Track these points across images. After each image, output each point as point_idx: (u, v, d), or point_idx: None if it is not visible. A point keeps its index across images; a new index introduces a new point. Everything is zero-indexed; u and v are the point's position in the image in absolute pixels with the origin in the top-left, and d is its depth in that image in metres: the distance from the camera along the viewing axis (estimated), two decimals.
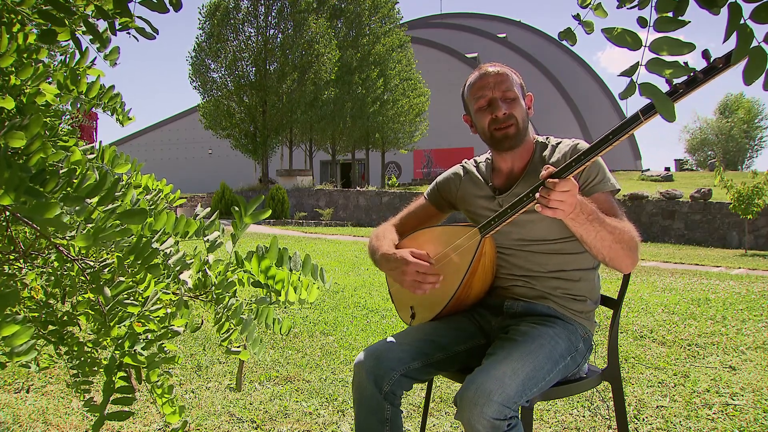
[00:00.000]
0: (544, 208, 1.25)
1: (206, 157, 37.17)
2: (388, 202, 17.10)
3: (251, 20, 21.36)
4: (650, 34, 0.68)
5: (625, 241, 1.36)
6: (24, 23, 0.84)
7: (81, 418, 2.30)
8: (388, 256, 1.57)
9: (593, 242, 1.35)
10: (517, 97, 1.54)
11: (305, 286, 0.92)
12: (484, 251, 1.52)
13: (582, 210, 1.29)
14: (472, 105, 1.59)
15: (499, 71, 1.55)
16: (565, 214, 1.27)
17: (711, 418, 2.29)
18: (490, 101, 1.53)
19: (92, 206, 0.77)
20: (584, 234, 1.34)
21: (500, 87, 1.52)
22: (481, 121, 1.57)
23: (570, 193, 1.23)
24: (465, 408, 1.24)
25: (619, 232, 1.35)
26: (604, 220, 1.33)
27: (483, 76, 1.56)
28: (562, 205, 1.24)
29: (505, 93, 1.52)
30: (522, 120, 1.54)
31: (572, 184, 1.23)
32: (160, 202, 1.14)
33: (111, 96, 1.11)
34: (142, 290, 0.88)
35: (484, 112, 1.55)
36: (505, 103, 1.52)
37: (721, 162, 36.17)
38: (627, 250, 1.36)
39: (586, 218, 1.31)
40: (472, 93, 1.58)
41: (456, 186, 1.73)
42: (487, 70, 1.56)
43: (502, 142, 1.54)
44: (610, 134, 1.18)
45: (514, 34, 41.60)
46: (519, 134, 1.54)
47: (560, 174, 1.24)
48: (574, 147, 1.53)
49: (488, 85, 1.53)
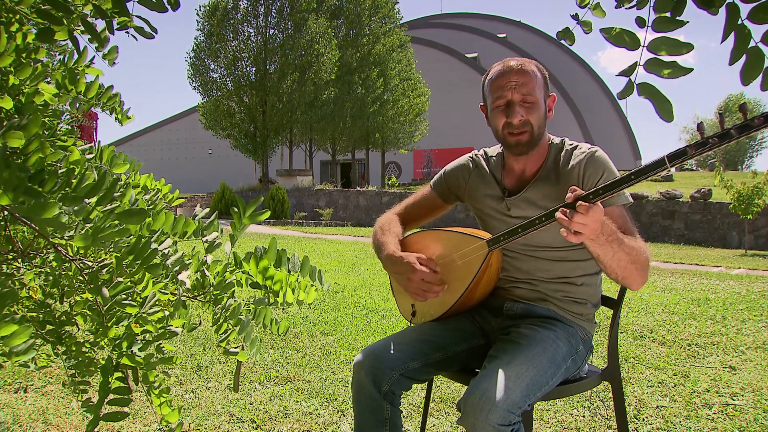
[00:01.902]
0: (567, 232, 1.20)
1: (206, 157, 37.18)
2: (388, 202, 17.10)
3: (251, 20, 21.35)
4: (649, 34, 0.68)
5: (640, 261, 1.33)
6: (23, 22, 0.84)
7: (81, 418, 2.30)
8: (394, 258, 1.55)
9: (609, 262, 1.31)
10: (537, 101, 1.47)
11: (303, 288, 0.92)
12: (491, 263, 1.50)
13: (603, 231, 1.25)
14: (489, 100, 1.53)
15: (524, 69, 1.47)
16: (588, 238, 1.23)
17: (711, 418, 2.29)
18: (508, 104, 1.47)
19: (91, 206, 0.77)
20: (602, 254, 1.30)
21: (521, 90, 1.45)
22: (495, 121, 1.52)
23: (595, 218, 1.19)
24: (469, 414, 1.23)
25: (636, 253, 1.32)
26: (622, 240, 1.29)
27: (506, 73, 1.48)
28: (585, 229, 1.19)
29: (525, 97, 1.46)
30: (538, 126, 1.48)
31: (600, 209, 1.19)
32: (159, 202, 1.14)
33: (110, 96, 1.11)
34: (140, 290, 0.87)
35: (501, 112, 1.49)
36: (523, 108, 1.46)
37: (721, 162, 36.16)
38: (640, 270, 1.34)
39: (606, 239, 1.27)
40: (492, 89, 1.50)
41: (464, 179, 1.68)
42: (510, 66, 1.48)
43: (513, 148, 1.50)
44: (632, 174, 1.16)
45: (514, 34, 41.59)
46: (533, 141, 1.49)
47: (589, 199, 1.19)
48: (590, 155, 1.48)
49: (509, 85, 1.46)
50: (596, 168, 1.46)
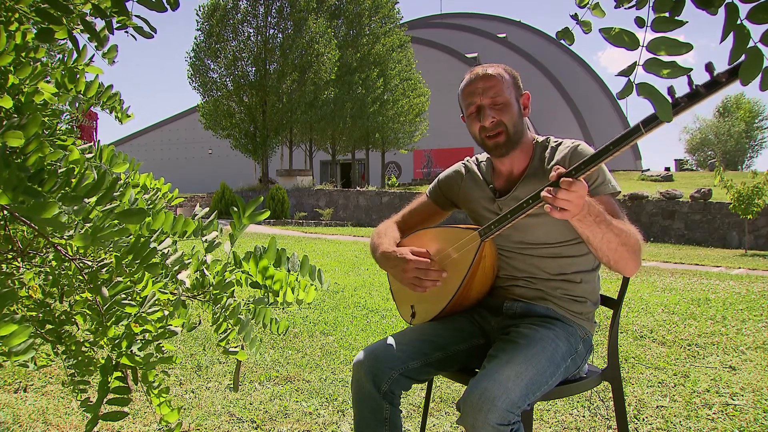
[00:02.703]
0: (552, 209, 1.23)
1: (206, 157, 37.18)
2: (388, 202, 17.10)
3: (250, 20, 21.36)
4: (648, 33, 0.67)
5: (630, 244, 1.34)
6: (22, 21, 0.84)
7: (81, 418, 2.30)
8: (388, 254, 1.57)
9: (599, 244, 1.33)
10: (508, 101, 1.51)
11: (303, 287, 0.92)
12: (485, 254, 1.51)
13: (590, 211, 1.27)
14: (464, 110, 1.59)
15: (488, 73, 1.53)
16: (573, 215, 1.25)
17: (711, 418, 2.29)
18: (478, 108, 1.53)
19: (90, 206, 0.77)
20: (591, 236, 1.32)
21: (488, 93, 1.50)
22: (471, 128, 1.57)
23: (579, 194, 1.21)
24: (469, 414, 1.23)
25: (626, 235, 1.33)
26: (611, 222, 1.31)
27: (472, 81, 1.54)
28: (569, 205, 1.21)
29: (494, 99, 1.50)
30: (513, 125, 1.52)
31: (583, 185, 1.22)
32: (159, 202, 1.14)
33: (109, 95, 1.11)
34: (139, 290, 0.87)
35: (474, 118, 1.54)
36: (494, 110, 1.50)
37: (721, 162, 36.17)
38: (632, 253, 1.35)
39: (594, 220, 1.29)
40: (463, 97, 1.57)
41: (458, 185, 1.73)
42: (477, 73, 1.55)
43: (493, 150, 1.55)
44: (610, 145, 1.18)
45: (514, 34, 41.60)
46: (510, 140, 1.52)
47: (571, 175, 1.22)
48: (574, 149, 1.52)
49: (477, 91, 1.52)
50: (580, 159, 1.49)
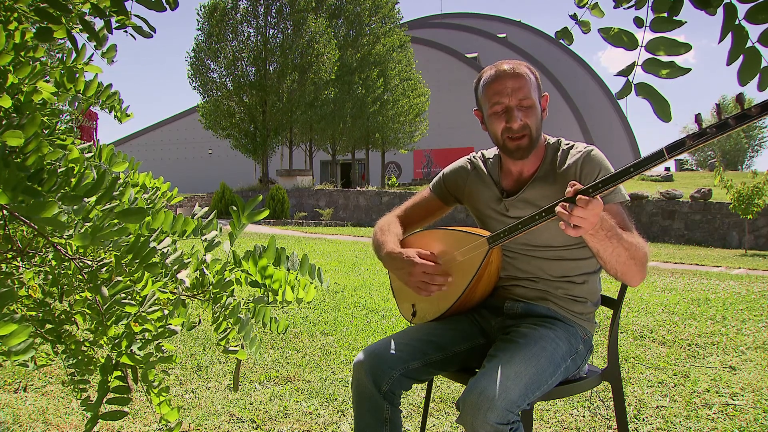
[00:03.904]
0: (566, 226, 1.21)
1: (206, 157, 37.20)
2: (388, 202, 17.10)
3: (250, 20, 21.36)
4: (647, 34, 0.68)
5: (638, 257, 1.33)
6: (21, 21, 0.84)
7: (81, 418, 2.30)
8: (394, 255, 1.54)
9: (609, 257, 1.32)
10: (534, 104, 1.48)
11: (302, 286, 0.92)
12: (491, 260, 1.50)
13: (602, 226, 1.26)
14: (486, 107, 1.53)
15: (518, 73, 1.48)
16: (586, 231, 1.23)
17: (711, 418, 2.29)
18: (506, 109, 1.47)
19: (90, 205, 0.77)
20: (601, 250, 1.31)
21: (517, 94, 1.46)
22: (494, 126, 1.51)
23: (595, 212, 1.19)
24: (468, 413, 1.23)
25: (635, 249, 1.33)
26: (621, 236, 1.30)
27: (500, 77, 1.48)
28: (584, 222, 1.20)
29: (521, 101, 1.46)
30: (536, 129, 1.49)
31: (599, 203, 1.20)
32: (158, 201, 1.14)
33: (109, 94, 1.11)
34: (139, 289, 0.88)
35: (499, 118, 1.49)
36: (521, 112, 1.47)
37: (721, 162, 36.13)
38: (639, 266, 1.35)
39: (605, 234, 1.28)
40: (487, 95, 1.51)
41: (463, 181, 1.69)
42: (504, 70, 1.48)
43: (514, 153, 1.51)
44: (631, 167, 1.17)
45: (514, 34, 41.60)
46: (532, 143, 1.49)
47: (588, 193, 1.20)
48: (587, 154, 1.49)
49: (505, 90, 1.46)
50: (592, 167, 1.47)
